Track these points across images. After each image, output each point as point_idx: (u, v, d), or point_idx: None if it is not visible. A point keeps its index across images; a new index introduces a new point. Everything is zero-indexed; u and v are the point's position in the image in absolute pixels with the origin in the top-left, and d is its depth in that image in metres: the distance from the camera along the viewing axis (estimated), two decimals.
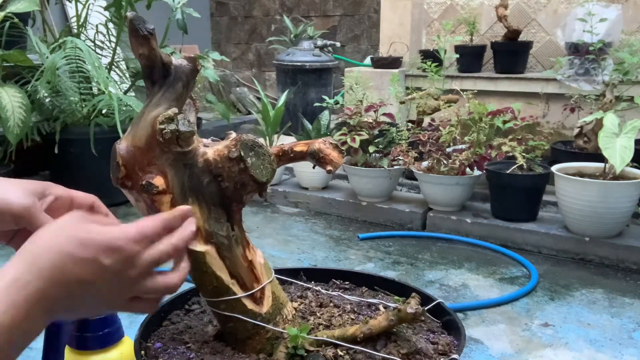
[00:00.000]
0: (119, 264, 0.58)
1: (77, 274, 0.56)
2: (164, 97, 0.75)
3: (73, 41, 2.59)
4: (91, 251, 0.57)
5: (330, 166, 0.87)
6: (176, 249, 0.65)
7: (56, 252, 0.56)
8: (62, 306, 0.57)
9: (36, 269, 0.55)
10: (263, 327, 0.84)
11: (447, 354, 0.86)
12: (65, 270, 0.56)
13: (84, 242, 0.57)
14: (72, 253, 0.56)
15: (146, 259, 0.61)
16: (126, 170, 0.75)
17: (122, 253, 0.59)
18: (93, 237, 0.58)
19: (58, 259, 0.56)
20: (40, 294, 0.54)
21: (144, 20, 0.71)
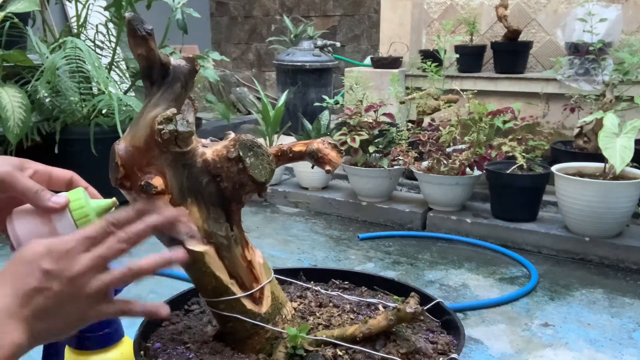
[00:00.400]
0: (58, 263, 0.61)
1: (28, 286, 0.60)
2: (162, 98, 0.75)
3: (73, 41, 2.59)
4: (32, 261, 0.61)
5: (328, 166, 0.87)
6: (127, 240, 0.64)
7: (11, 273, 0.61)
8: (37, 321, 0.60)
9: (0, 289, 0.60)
10: (262, 327, 0.84)
11: (446, 353, 0.86)
12: (18, 286, 0.60)
13: (25, 256, 0.62)
14: (19, 269, 0.61)
15: (89, 254, 0.62)
16: (125, 170, 0.75)
17: (56, 252, 0.61)
18: (31, 249, 0.62)
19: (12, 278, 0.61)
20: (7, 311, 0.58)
21: (142, 21, 0.70)
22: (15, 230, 0.74)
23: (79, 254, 0.62)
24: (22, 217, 0.75)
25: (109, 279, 0.63)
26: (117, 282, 0.64)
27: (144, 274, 0.66)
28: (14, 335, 0.58)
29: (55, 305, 0.60)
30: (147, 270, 0.66)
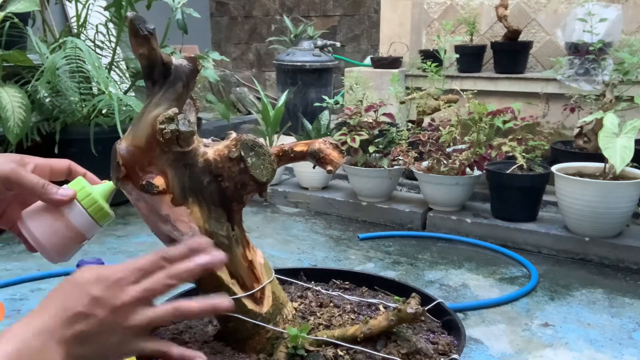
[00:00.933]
0: (107, 291, 0.61)
1: (74, 309, 0.61)
2: (164, 97, 0.75)
3: (73, 41, 2.59)
4: (82, 285, 0.62)
5: (330, 166, 0.87)
6: (173, 277, 0.64)
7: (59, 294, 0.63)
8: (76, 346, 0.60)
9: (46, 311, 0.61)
10: (263, 327, 0.84)
11: (447, 354, 0.86)
12: (65, 307, 0.61)
13: (76, 280, 0.63)
14: (69, 292, 0.62)
15: (138, 285, 0.63)
16: (126, 170, 0.75)
17: (107, 280, 0.62)
18: (83, 274, 0.63)
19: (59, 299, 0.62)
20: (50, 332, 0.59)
21: (144, 20, 0.70)
22: (32, 231, 0.76)
23: (127, 285, 0.62)
24: (34, 217, 0.77)
25: (153, 315, 0.63)
26: (161, 320, 0.64)
27: (189, 316, 0.66)
28: (54, 357, 0.58)
29: (96, 333, 0.61)
30: (193, 313, 0.66)
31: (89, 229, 0.79)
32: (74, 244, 0.79)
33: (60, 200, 0.75)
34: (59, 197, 0.75)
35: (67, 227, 0.77)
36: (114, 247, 2.36)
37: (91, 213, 0.78)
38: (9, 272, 2.11)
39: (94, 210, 0.78)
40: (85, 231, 0.79)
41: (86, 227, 0.79)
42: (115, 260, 2.21)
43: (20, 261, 2.22)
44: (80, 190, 0.78)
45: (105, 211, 0.80)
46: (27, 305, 1.87)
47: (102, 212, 0.79)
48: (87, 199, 0.78)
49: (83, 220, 0.78)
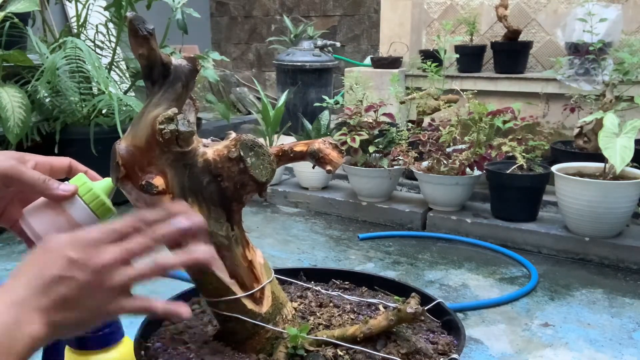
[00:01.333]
0: (84, 252, 0.60)
1: (51, 273, 0.59)
2: (163, 97, 0.75)
3: (73, 41, 2.59)
4: (57, 249, 0.60)
5: (329, 166, 0.87)
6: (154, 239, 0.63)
7: (32, 262, 0.61)
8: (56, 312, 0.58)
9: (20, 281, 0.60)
10: (263, 327, 0.84)
11: (447, 353, 0.86)
12: (41, 274, 0.59)
13: (50, 245, 0.61)
14: (43, 257, 0.61)
15: (116, 247, 0.61)
16: (126, 170, 0.75)
17: (83, 241, 0.61)
18: (57, 238, 0.62)
19: (33, 267, 0.60)
20: (26, 301, 0.58)
21: (144, 21, 0.70)
22: (33, 228, 0.75)
23: (105, 245, 0.61)
24: (36, 214, 0.76)
25: (134, 273, 0.62)
26: (143, 276, 0.62)
27: (170, 269, 0.64)
28: (32, 327, 0.57)
29: (76, 296, 0.59)
30: (173, 266, 0.64)
31: (91, 224, 0.78)
32: None
33: (61, 195, 0.75)
34: (60, 192, 0.74)
35: (69, 223, 0.76)
36: None
37: (93, 208, 0.78)
38: (9, 272, 2.11)
39: (95, 205, 0.78)
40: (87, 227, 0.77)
41: (88, 222, 0.78)
42: None
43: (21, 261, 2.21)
44: (81, 185, 0.78)
45: (107, 206, 0.79)
46: None
47: (103, 207, 0.79)
48: (88, 194, 0.77)
49: (85, 216, 0.77)
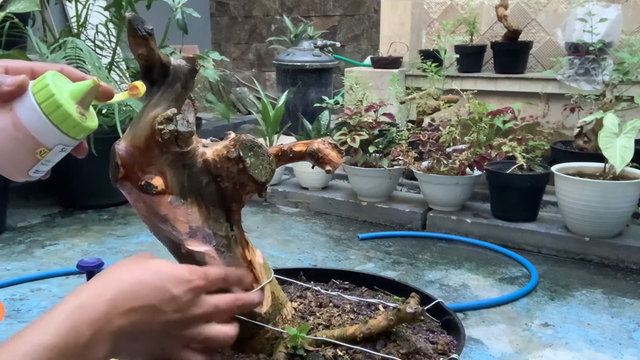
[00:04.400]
0: (186, 294, 0.60)
1: (147, 299, 0.57)
2: (162, 98, 0.75)
3: (73, 41, 2.59)
4: (163, 279, 0.59)
5: (329, 166, 0.87)
6: (237, 306, 0.65)
7: (128, 280, 0.58)
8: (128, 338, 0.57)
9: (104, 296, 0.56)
10: (262, 327, 0.83)
11: (446, 353, 0.86)
12: (136, 296, 0.57)
13: (156, 272, 0.60)
14: (145, 280, 0.58)
15: (210, 301, 0.62)
16: (125, 170, 0.75)
17: (189, 284, 0.60)
18: (164, 268, 0.60)
19: (129, 286, 0.58)
20: (106, 319, 0.55)
21: (143, 21, 0.70)
22: None
23: (202, 295, 0.62)
24: None
25: (210, 334, 0.62)
26: (216, 341, 0.63)
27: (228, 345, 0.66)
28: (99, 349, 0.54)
29: (157, 331, 0.58)
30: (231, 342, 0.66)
31: (44, 132, 0.63)
32: (25, 151, 0.64)
33: (5, 90, 0.61)
34: (5, 87, 0.61)
35: (15, 125, 0.62)
36: (114, 247, 2.36)
37: (44, 110, 0.62)
38: (9, 272, 2.11)
39: (47, 106, 0.62)
40: (38, 135, 0.63)
41: (39, 128, 0.63)
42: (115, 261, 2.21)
43: (20, 261, 2.22)
44: (37, 82, 0.64)
45: (64, 110, 0.63)
46: (27, 305, 1.87)
47: (59, 110, 0.63)
48: (42, 92, 0.63)
49: (34, 119, 0.62)
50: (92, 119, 0.68)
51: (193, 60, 0.77)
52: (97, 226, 2.61)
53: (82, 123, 0.65)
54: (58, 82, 0.64)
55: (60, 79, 0.65)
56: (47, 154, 0.66)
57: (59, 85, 0.64)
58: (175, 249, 0.78)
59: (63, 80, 0.66)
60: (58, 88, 0.63)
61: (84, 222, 2.67)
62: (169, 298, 0.58)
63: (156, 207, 0.76)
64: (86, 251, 2.30)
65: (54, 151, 0.66)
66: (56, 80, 0.64)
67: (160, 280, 0.59)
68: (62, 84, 0.65)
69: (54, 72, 0.65)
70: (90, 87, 0.66)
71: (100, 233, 2.52)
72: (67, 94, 0.64)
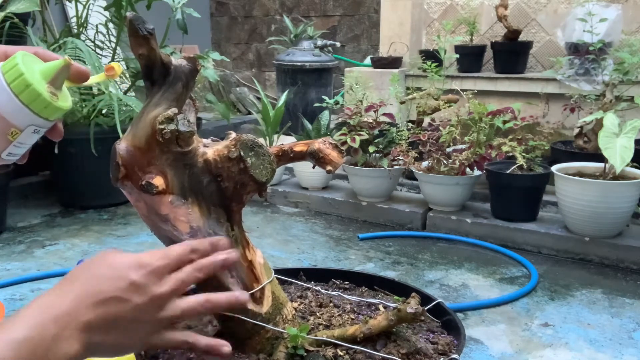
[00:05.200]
0: (146, 277, 0.60)
1: (109, 292, 0.58)
2: (163, 97, 0.75)
3: (73, 41, 2.59)
4: (120, 269, 0.60)
5: (329, 166, 0.87)
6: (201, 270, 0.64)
7: (89, 277, 0.59)
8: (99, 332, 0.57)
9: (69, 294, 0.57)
10: (263, 327, 0.84)
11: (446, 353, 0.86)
12: (98, 290, 0.58)
13: (113, 263, 0.60)
14: (103, 274, 0.59)
15: (173, 277, 0.62)
16: (126, 170, 0.75)
17: (147, 267, 0.61)
18: (121, 258, 0.61)
19: (90, 281, 0.59)
20: (71, 315, 0.56)
21: (144, 21, 0.71)
22: None
23: (165, 274, 0.62)
24: None
25: (186, 307, 0.62)
26: (192, 311, 0.63)
27: (217, 308, 0.65)
28: (70, 345, 0.55)
29: (127, 320, 0.59)
30: (221, 305, 0.65)
31: (14, 112, 0.62)
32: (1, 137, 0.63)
33: None
34: None
35: None
36: (114, 247, 2.36)
37: (14, 89, 0.61)
38: (9, 272, 2.11)
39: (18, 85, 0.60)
40: (8, 115, 0.62)
41: (9, 108, 0.61)
42: None
43: (20, 261, 2.22)
44: (7, 62, 0.63)
45: (35, 90, 0.62)
46: None
47: (29, 89, 0.61)
48: (11, 72, 0.61)
49: (4, 99, 0.61)
50: (64, 99, 0.66)
51: (194, 60, 0.77)
52: (97, 226, 2.61)
53: (53, 103, 0.64)
54: (28, 62, 0.63)
55: (31, 59, 0.64)
56: (19, 136, 0.64)
57: (29, 65, 0.62)
58: None
59: (34, 61, 0.64)
60: (28, 68, 0.62)
61: (84, 222, 2.67)
62: (129, 285, 0.59)
63: (157, 207, 0.76)
64: (86, 251, 2.30)
65: (27, 132, 0.64)
66: (26, 61, 0.63)
67: (116, 270, 0.59)
68: (32, 64, 0.63)
69: (24, 53, 0.64)
70: (62, 66, 0.64)
71: (100, 233, 2.52)
72: (37, 74, 0.63)
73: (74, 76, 0.67)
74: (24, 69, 0.61)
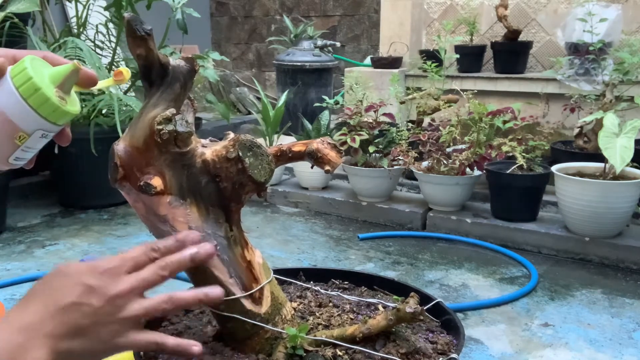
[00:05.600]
0: (101, 279, 0.60)
1: (67, 299, 0.58)
2: (161, 98, 0.75)
3: (73, 41, 2.59)
4: (75, 276, 0.60)
5: (328, 166, 0.87)
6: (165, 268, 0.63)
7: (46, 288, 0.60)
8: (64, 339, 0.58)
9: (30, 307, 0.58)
10: (262, 327, 0.84)
11: (446, 353, 0.86)
12: (56, 299, 0.58)
13: (68, 272, 0.61)
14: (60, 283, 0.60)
15: (133, 276, 0.61)
16: (124, 170, 0.75)
17: (100, 269, 0.61)
18: (76, 267, 0.61)
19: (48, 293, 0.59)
20: (36, 324, 0.57)
21: (142, 21, 0.71)
22: None
23: (121, 275, 0.61)
24: None
25: (148, 305, 0.61)
26: (156, 310, 0.62)
27: (182, 306, 0.64)
28: (37, 354, 0.55)
29: (90, 324, 0.58)
30: (186, 302, 0.64)
31: (23, 116, 0.61)
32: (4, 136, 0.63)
33: None
34: None
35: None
36: (114, 247, 2.36)
37: (22, 93, 0.60)
38: (9, 272, 2.11)
39: (26, 89, 0.60)
40: (17, 119, 0.61)
41: (17, 112, 0.61)
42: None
43: (20, 261, 2.22)
44: (16, 66, 0.62)
45: (43, 94, 0.61)
46: None
47: (37, 93, 0.61)
48: (20, 76, 0.61)
49: (12, 102, 0.61)
50: (73, 103, 0.66)
51: (192, 60, 0.77)
52: (97, 226, 2.61)
53: (61, 107, 0.63)
54: (37, 66, 0.63)
55: (40, 63, 0.64)
56: (26, 140, 0.64)
57: (38, 69, 0.62)
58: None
59: (43, 65, 0.64)
60: (37, 72, 0.61)
61: (84, 222, 2.67)
62: (84, 289, 0.59)
63: (155, 208, 0.76)
64: (86, 251, 2.30)
65: (34, 137, 0.64)
66: (35, 65, 0.62)
67: (72, 278, 0.60)
68: (41, 68, 0.63)
69: (33, 57, 0.63)
70: (71, 70, 0.64)
71: (100, 233, 2.52)
72: (46, 78, 0.62)
73: (83, 81, 0.67)
74: (33, 73, 0.61)
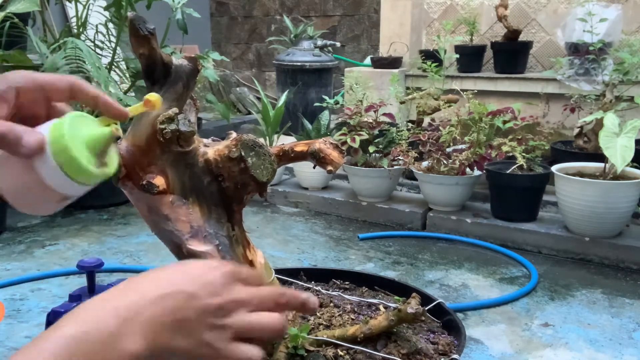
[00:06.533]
0: (221, 278, 0.55)
1: (179, 285, 0.53)
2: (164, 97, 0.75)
3: (73, 41, 2.59)
4: (192, 267, 0.56)
5: (330, 166, 0.87)
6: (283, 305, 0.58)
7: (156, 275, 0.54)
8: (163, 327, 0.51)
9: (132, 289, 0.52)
10: None
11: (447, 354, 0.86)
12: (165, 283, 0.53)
13: (183, 263, 0.58)
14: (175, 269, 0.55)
15: (248, 288, 0.56)
16: (126, 170, 0.75)
17: (222, 269, 0.56)
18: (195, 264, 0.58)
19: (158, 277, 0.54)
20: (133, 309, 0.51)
21: (145, 20, 0.71)
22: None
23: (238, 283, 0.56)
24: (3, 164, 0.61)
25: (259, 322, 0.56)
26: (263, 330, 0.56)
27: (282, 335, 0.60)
28: (133, 343, 0.49)
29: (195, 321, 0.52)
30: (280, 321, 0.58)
31: (67, 187, 0.62)
32: (54, 201, 0.64)
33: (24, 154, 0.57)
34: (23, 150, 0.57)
35: (38, 184, 0.60)
36: (114, 247, 2.36)
37: (66, 171, 0.60)
38: (9, 272, 2.11)
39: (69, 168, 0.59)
40: (61, 189, 0.62)
41: (62, 185, 0.61)
42: (115, 261, 2.21)
43: (20, 261, 2.22)
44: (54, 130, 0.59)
45: (86, 170, 0.60)
46: (27, 305, 1.87)
47: (80, 170, 0.60)
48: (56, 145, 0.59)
49: (57, 177, 0.60)
50: (111, 161, 0.66)
51: (195, 60, 0.77)
52: (97, 226, 2.61)
53: (102, 174, 0.64)
54: (76, 132, 0.60)
55: (78, 123, 0.62)
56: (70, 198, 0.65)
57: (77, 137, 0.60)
58: (177, 248, 0.78)
59: (81, 123, 0.62)
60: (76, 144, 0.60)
61: (84, 222, 2.67)
62: (203, 281, 0.53)
63: (157, 207, 0.76)
64: (86, 251, 2.30)
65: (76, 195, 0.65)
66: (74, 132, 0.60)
67: (190, 267, 0.56)
68: (79, 132, 0.61)
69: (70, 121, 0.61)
70: (108, 137, 0.64)
71: (100, 233, 2.52)
72: (85, 151, 0.61)
73: (114, 117, 0.65)
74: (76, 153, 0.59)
